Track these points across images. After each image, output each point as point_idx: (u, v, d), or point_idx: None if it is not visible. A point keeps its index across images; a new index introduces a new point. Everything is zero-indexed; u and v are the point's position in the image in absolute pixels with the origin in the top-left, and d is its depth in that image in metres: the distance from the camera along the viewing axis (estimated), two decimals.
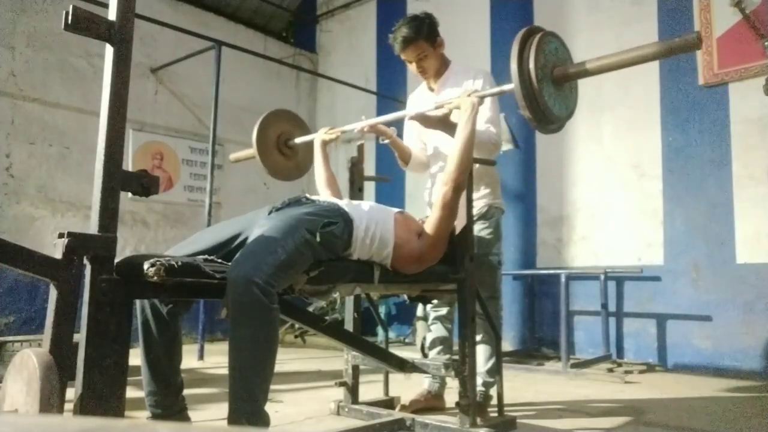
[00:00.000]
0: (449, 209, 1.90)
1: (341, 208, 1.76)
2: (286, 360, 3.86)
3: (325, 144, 2.48)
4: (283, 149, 2.69)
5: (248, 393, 1.38)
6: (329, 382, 2.81)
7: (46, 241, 4.29)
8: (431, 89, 2.60)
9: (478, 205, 2.40)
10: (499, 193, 2.57)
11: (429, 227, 1.89)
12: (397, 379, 2.59)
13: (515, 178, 4.80)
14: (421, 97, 2.67)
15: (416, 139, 2.67)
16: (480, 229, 2.42)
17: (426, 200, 2.67)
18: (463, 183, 1.94)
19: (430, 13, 2.52)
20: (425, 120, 2.15)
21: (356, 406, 2.36)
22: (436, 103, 2.13)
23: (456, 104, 2.03)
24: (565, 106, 1.89)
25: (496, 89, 2.04)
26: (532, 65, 1.73)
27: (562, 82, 1.84)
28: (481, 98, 2.02)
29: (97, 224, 1.25)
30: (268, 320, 1.40)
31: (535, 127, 1.84)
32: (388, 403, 2.50)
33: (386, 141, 2.47)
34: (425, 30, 2.42)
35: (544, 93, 1.75)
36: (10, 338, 3.22)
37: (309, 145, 2.60)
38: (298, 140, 2.66)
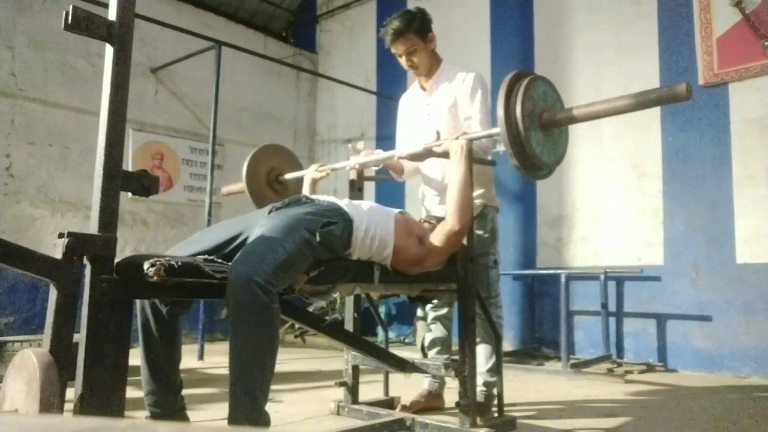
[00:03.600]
0: (452, 245, 1.92)
1: (341, 208, 1.77)
2: (286, 360, 3.86)
3: (315, 181, 2.48)
4: (273, 185, 2.67)
5: (248, 393, 1.38)
6: (329, 382, 2.81)
7: (46, 241, 4.29)
8: (423, 88, 2.60)
9: (474, 205, 2.40)
10: (494, 192, 2.57)
11: (432, 245, 1.89)
12: (397, 379, 2.59)
13: (515, 178, 4.80)
14: (413, 98, 2.66)
15: (407, 138, 2.66)
16: (476, 229, 2.42)
17: (420, 198, 2.67)
18: (468, 224, 1.93)
19: (423, 8, 2.52)
20: (416, 156, 2.16)
21: (356, 406, 2.36)
22: (425, 147, 2.12)
23: (445, 148, 2.01)
24: (554, 152, 1.87)
25: (485, 133, 2.02)
26: (519, 112, 1.71)
27: (551, 127, 1.82)
28: (470, 140, 1.98)
29: (97, 224, 1.25)
30: (268, 319, 1.39)
31: (523, 174, 1.83)
32: (388, 403, 2.50)
33: (379, 167, 2.49)
34: (416, 24, 2.43)
35: (532, 140, 1.73)
36: (10, 338, 3.22)
37: (300, 182, 2.58)
38: (289, 176, 2.64)
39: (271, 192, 2.67)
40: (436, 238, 1.90)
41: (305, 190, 2.48)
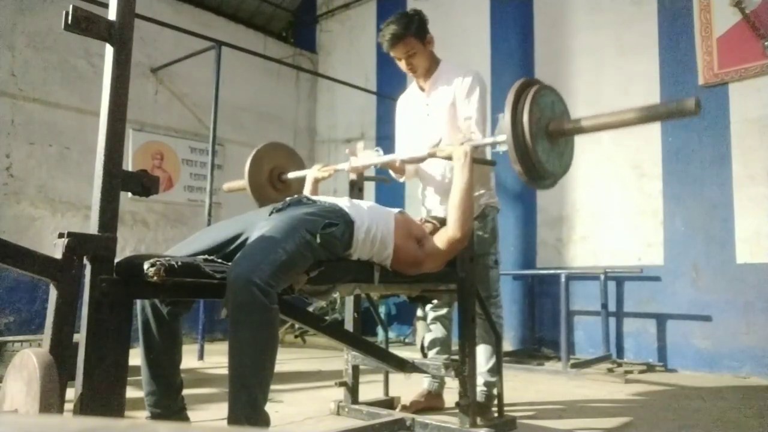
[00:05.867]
0: (452, 251, 1.91)
1: (342, 209, 1.76)
2: (286, 360, 3.86)
3: (317, 181, 2.45)
4: (275, 183, 2.64)
5: (248, 393, 1.38)
6: (329, 382, 2.81)
7: (46, 241, 4.29)
8: (421, 89, 2.58)
9: (474, 206, 2.40)
10: (494, 191, 2.57)
11: (432, 248, 1.88)
12: (397, 379, 2.59)
13: (515, 178, 4.78)
14: (412, 99, 2.64)
15: (407, 140, 2.66)
16: (477, 229, 2.42)
17: (420, 198, 2.67)
18: (469, 232, 1.92)
19: (419, 10, 2.50)
20: (418, 160, 2.14)
21: (356, 406, 2.36)
22: (429, 151, 2.10)
23: (448, 153, 1.99)
24: (560, 162, 1.86)
25: (489, 140, 2.00)
26: (526, 119, 1.70)
27: (558, 137, 1.82)
28: (475, 147, 1.97)
29: (97, 224, 1.25)
30: (267, 320, 1.39)
31: (527, 183, 1.81)
32: (388, 403, 2.50)
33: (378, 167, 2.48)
34: (414, 27, 2.40)
35: (538, 148, 1.72)
36: (10, 338, 3.22)
37: (302, 181, 2.56)
38: (291, 175, 2.62)
39: (273, 190, 2.65)
40: (437, 242, 1.89)
41: (307, 190, 2.47)
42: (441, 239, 1.90)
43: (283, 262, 1.46)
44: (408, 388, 2.62)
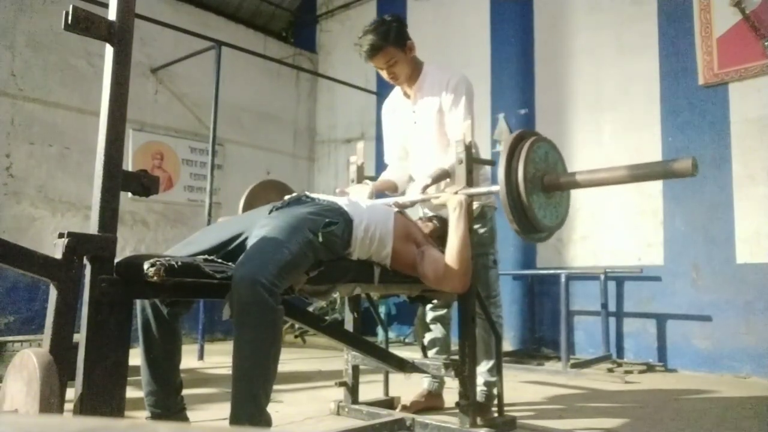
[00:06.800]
0: (449, 289, 1.91)
1: (341, 208, 1.77)
2: (286, 360, 3.86)
3: None
4: None
5: (251, 393, 1.38)
6: (329, 382, 2.81)
7: (46, 241, 4.29)
8: (407, 95, 2.53)
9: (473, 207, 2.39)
10: None
11: (428, 271, 1.86)
12: (397, 379, 2.59)
13: None
14: (398, 105, 2.59)
15: (396, 144, 2.64)
16: (475, 230, 2.41)
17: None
18: (468, 284, 1.90)
19: (398, 15, 2.44)
20: (412, 204, 2.15)
21: (356, 406, 2.36)
22: (423, 197, 2.09)
23: (442, 201, 1.96)
24: (556, 215, 1.85)
25: (484, 189, 1.97)
26: (520, 177, 1.69)
27: (553, 190, 1.82)
28: (470, 195, 1.93)
29: (97, 224, 1.25)
30: (272, 321, 1.40)
31: (523, 238, 1.82)
32: (388, 403, 2.50)
33: None
34: (393, 35, 2.31)
35: (534, 204, 1.72)
36: (10, 338, 3.22)
37: None
38: None
39: None
40: (437, 273, 1.85)
41: None
42: (438, 273, 1.85)
43: (287, 262, 1.46)
44: (408, 388, 2.62)
